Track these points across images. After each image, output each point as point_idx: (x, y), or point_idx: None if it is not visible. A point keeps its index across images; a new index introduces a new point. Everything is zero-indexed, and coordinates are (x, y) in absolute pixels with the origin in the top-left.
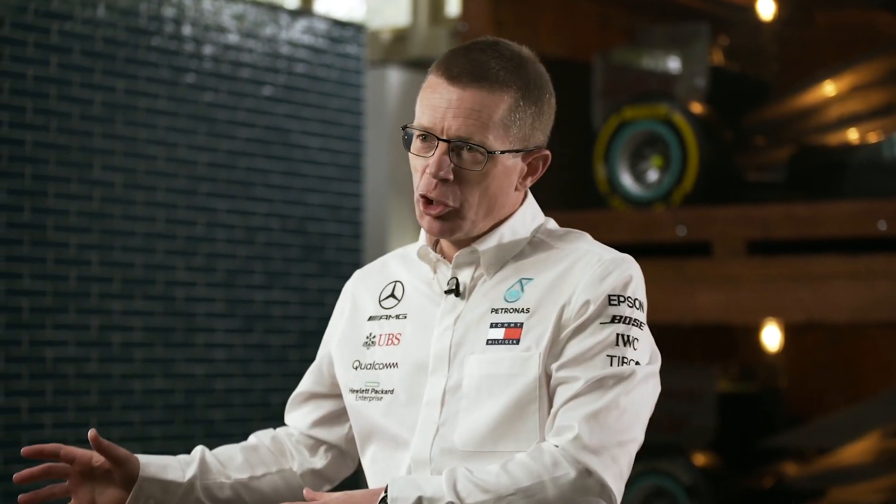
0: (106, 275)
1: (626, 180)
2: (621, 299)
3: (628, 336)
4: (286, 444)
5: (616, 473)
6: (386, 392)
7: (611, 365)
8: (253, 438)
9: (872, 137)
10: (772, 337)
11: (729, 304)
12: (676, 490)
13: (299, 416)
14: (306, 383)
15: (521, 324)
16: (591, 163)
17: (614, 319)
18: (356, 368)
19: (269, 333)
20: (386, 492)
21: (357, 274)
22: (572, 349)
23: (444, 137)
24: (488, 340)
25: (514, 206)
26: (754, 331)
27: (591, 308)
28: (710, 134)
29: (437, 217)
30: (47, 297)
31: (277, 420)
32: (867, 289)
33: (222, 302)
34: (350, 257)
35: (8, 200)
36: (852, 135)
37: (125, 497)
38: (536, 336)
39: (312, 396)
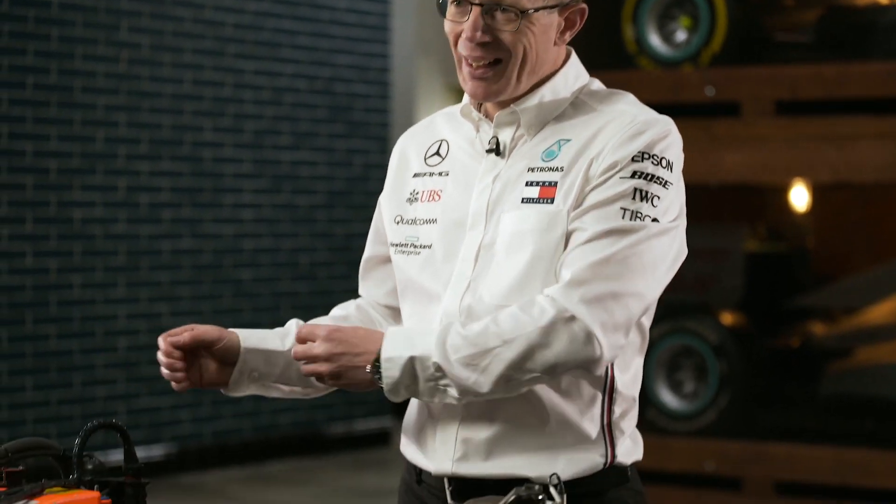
0: (133, 136)
1: (655, 40)
2: (646, 156)
3: (647, 192)
4: (371, 312)
5: (607, 324)
6: (424, 247)
7: (622, 218)
8: (339, 310)
9: None
10: (799, 197)
11: (757, 165)
12: (704, 349)
13: (371, 286)
14: (369, 247)
15: (556, 182)
16: (620, 23)
17: (635, 175)
18: (398, 223)
19: (297, 194)
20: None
21: (407, 131)
22: (589, 201)
23: (477, 1)
24: (523, 199)
25: (556, 65)
26: (782, 191)
27: (617, 164)
28: None
29: (479, 79)
30: (75, 159)
31: (304, 280)
32: (895, 149)
33: (250, 162)
34: (377, 118)
35: (35, 63)
36: None
37: (229, 372)
38: (565, 193)
39: (379, 261)
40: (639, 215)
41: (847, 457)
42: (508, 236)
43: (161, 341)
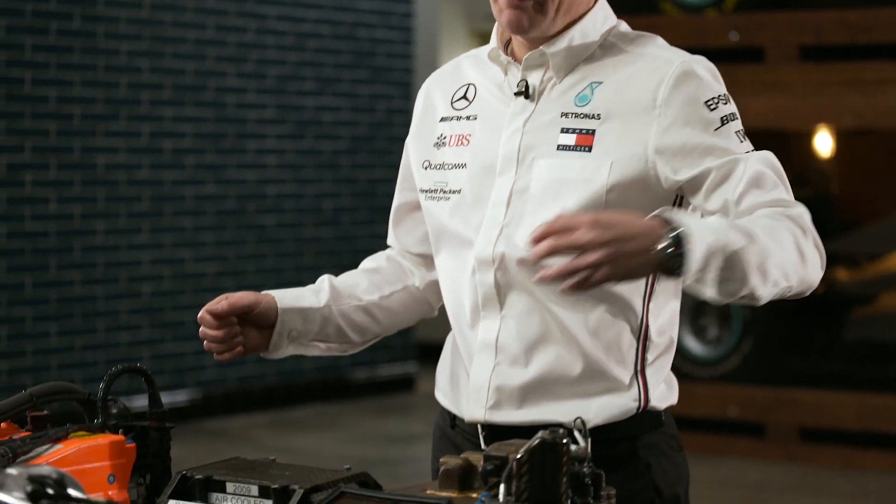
0: (156, 82)
1: None
2: (716, 100)
3: (741, 130)
4: (402, 263)
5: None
6: (453, 192)
7: (742, 142)
8: (369, 262)
9: None
10: (824, 143)
11: (781, 110)
12: None
13: (403, 234)
14: (398, 194)
15: (593, 131)
16: None
17: (724, 121)
18: (426, 168)
19: (320, 139)
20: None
21: (432, 75)
22: (708, 163)
23: None
24: (559, 146)
25: (588, 5)
26: (806, 137)
27: (693, 119)
28: None
29: (517, 8)
30: (98, 105)
31: (328, 225)
32: None
33: (273, 108)
34: (401, 63)
35: (58, 8)
36: None
37: (268, 335)
38: (610, 144)
39: (410, 208)
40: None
41: (871, 402)
42: (544, 183)
43: (201, 316)
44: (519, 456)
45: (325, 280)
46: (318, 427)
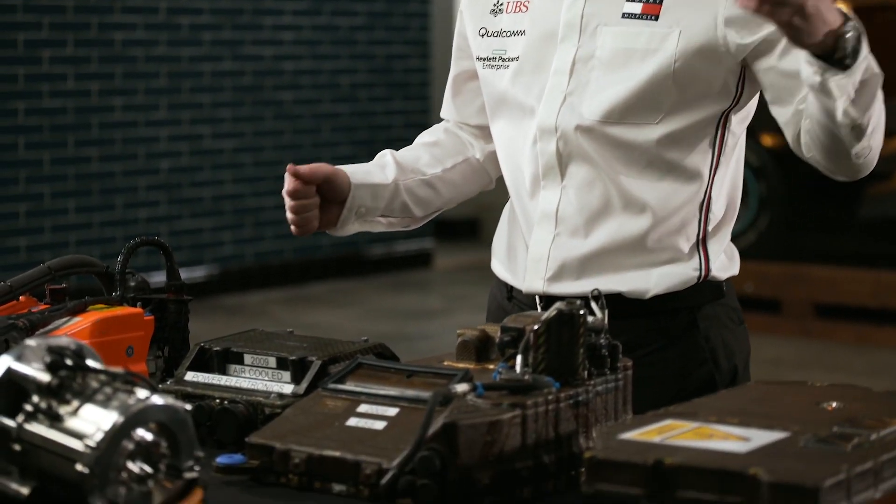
0: None
1: None
2: None
3: None
4: (461, 135)
5: None
6: (512, 60)
7: None
8: (427, 136)
9: None
10: None
11: None
12: (745, 172)
13: (462, 104)
14: (455, 64)
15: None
16: None
17: None
18: (482, 35)
19: (337, 15)
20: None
21: None
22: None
23: None
24: (624, 14)
25: None
26: None
27: None
28: None
29: None
30: None
31: (345, 101)
32: None
33: None
34: None
35: None
36: None
37: (335, 211)
38: (678, 14)
39: (468, 77)
40: None
41: (886, 279)
42: (611, 52)
43: (287, 181)
44: (536, 327)
45: (387, 155)
46: (334, 303)
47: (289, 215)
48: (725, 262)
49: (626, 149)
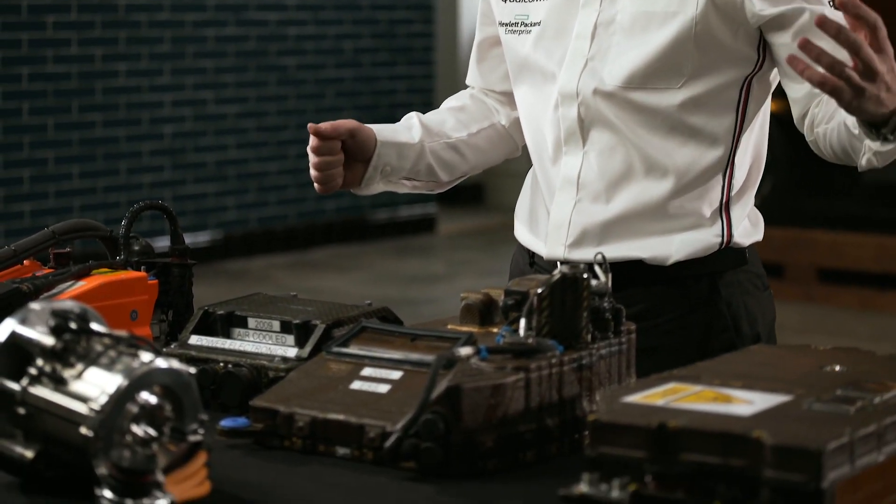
0: None
1: None
2: None
3: None
4: (486, 101)
5: None
6: (534, 24)
7: None
8: (453, 101)
9: None
10: None
11: None
12: None
13: (487, 70)
14: (480, 30)
15: None
16: None
17: None
18: (505, 1)
19: None
20: None
21: None
22: (799, 2)
23: None
24: None
25: None
26: None
27: None
28: None
29: None
30: None
31: (349, 66)
32: None
33: None
34: None
35: None
36: None
37: (359, 169)
38: None
39: (493, 42)
40: None
41: (890, 245)
42: (632, 16)
43: (312, 134)
44: (539, 291)
45: (413, 117)
46: (338, 268)
47: (312, 172)
48: (749, 227)
49: (648, 114)
